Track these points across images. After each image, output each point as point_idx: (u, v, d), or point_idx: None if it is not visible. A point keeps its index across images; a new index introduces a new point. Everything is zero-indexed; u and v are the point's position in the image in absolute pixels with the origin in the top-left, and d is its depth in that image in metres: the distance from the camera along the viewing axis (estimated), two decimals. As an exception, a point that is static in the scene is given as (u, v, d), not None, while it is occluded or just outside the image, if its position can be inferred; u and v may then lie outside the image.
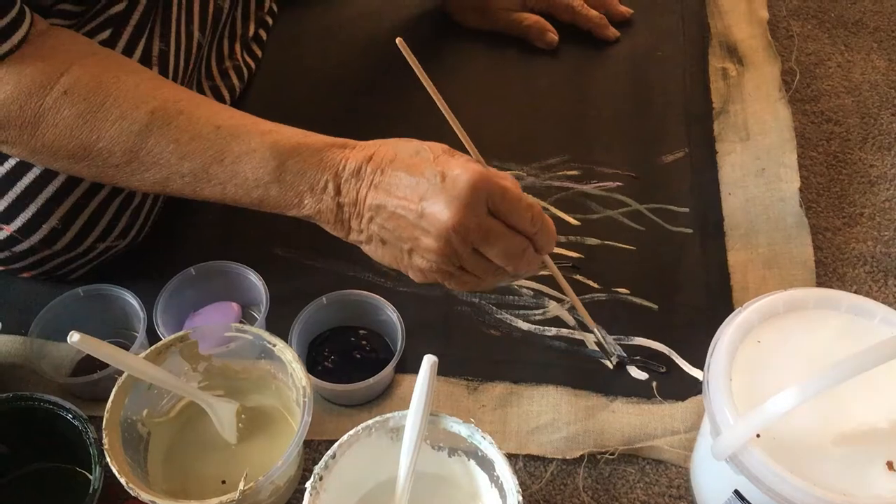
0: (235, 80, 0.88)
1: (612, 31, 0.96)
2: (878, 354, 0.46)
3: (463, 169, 0.55)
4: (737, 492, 0.53)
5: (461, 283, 0.60)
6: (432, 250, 0.56)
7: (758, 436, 0.50)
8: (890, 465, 0.49)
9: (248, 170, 0.59)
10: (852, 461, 0.49)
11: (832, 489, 0.48)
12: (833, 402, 0.51)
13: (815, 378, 0.47)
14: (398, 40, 0.57)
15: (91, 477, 0.57)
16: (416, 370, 0.53)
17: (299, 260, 0.78)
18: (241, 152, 0.59)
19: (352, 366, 0.69)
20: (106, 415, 0.57)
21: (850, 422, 0.51)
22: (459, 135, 0.61)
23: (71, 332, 0.55)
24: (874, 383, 0.51)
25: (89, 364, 0.70)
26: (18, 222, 0.66)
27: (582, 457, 0.65)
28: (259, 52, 0.95)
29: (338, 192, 0.58)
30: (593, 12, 0.95)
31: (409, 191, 0.56)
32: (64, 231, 0.68)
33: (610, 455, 0.65)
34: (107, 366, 0.66)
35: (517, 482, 0.53)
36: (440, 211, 0.55)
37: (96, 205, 0.69)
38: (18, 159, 0.65)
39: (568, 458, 0.65)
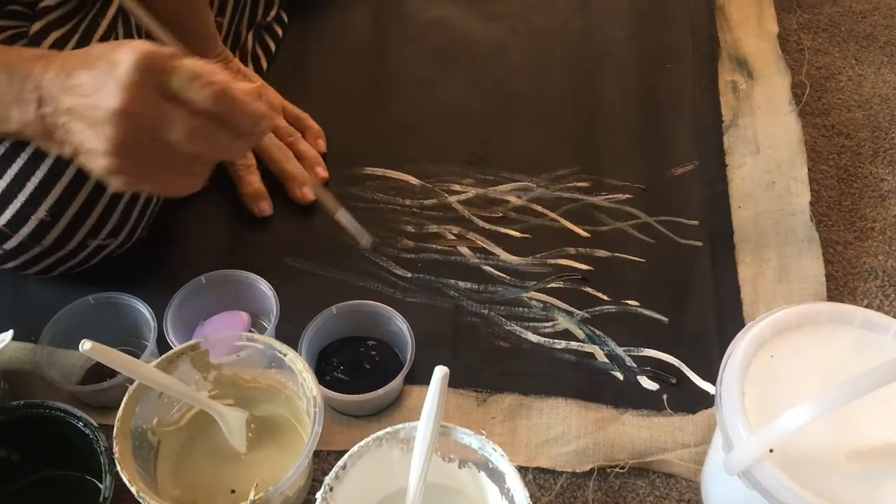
0: None
1: (307, 193, 0.83)
2: (894, 370, 0.46)
3: (130, 49, 0.51)
4: (749, 507, 0.53)
5: (160, 184, 0.56)
6: (105, 141, 0.51)
7: (771, 451, 0.50)
8: (904, 481, 0.49)
9: None
10: (865, 478, 0.49)
11: (846, 505, 0.48)
12: (846, 418, 0.51)
13: (829, 393, 0.46)
14: None
15: (101, 486, 0.57)
16: (425, 381, 0.53)
17: (309, 270, 0.78)
18: None
19: (361, 376, 0.69)
20: (117, 423, 0.57)
21: (864, 438, 0.51)
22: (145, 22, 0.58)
23: (83, 341, 0.55)
24: (888, 399, 0.51)
25: (98, 372, 0.70)
26: (7, 214, 0.66)
27: (592, 470, 0.64)
28: (265, 63, 0.95)
29: (40, 100, 0.55)
30: (296, 168, 0.84)
31: (88, 86, 0.52)
32: (53, 223, 0.67)
33: (620, 469, 0.64)
34: (115, 374, 0.67)
35: (528, 494, 0.52)
36: (106, 96, 0.51)
37: (85, 195, 0.68)
38: (5, 149, 0.64)
39: (578, 471, 0.64)
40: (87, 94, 0.52)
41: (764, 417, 0.50)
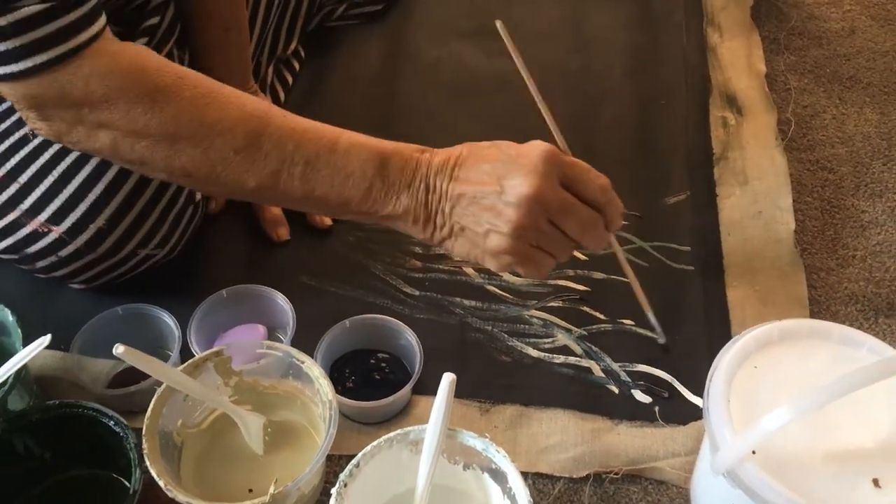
0: None
1: (325, 218, 0.88)
2: (864, 376, 0.50)
3: (533, 146, 0.60)
4: (734, 507, 0.57)
5: (535, 266, 0.62)
6: (512, 222, 0.59)
7: (754, 453, 0.54)
8: (876, 482, 0.53)
9: (357, 162, 0.61)
10: (842, 478, 0.53)
11: (823, 503, 0.52)
12: (824, 423, 0.55)
13: (806, 397, 0.51)
14: (498, 23, 0.64)
15: (128, 484, 0.61)
16: (432, 392, 0.57)
17: (323, 287, 0.82)
18: (351, 144, 0.62)
19: (371, 386, 0.73)
20: (146, 422, 0.61)
21: (840, 441, 0.55)
22: (546, 118, 0.67)
23: (116, 345, 0.58)
24: (862, 406, 0.56)
25: (124, 380, 0.74)
26: (68, 222, 0.71)
27: (588, 476, 0.68)
28: (282, 95, 1.01)
29: (427, 188, 0.62)
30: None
31: (487, 176, 0.60)
32: (109, 232, 0.72)
33: (614, 475, 0.68)
34: (140, 381, 0.71)
35: (528, 493, 0.56)
36: (519, 183, 0.58)
37: (141, 206, 0.73)
38: (72, 160, 0.70)
39: (575, 476, 0.68)
40: (486, 182, 0.60)
41: (747, 422, 0.55)
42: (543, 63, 1.06)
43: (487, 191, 0.59)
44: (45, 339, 0.63)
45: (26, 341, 0.65)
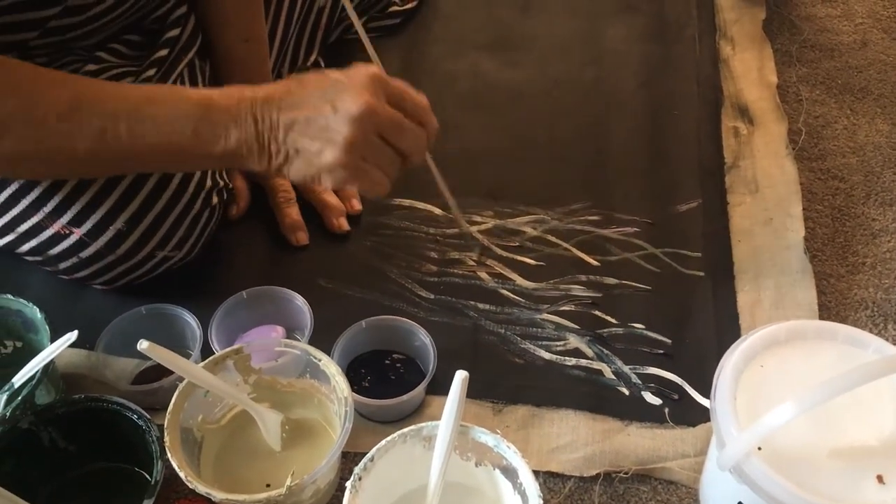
0: None
1: (343, 223, 0.91)
2: (868, 372, 0.51)
3: (359, 69, 0.65)
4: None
5: (368, 180, 0.66)
6: (345, 137, 0.63)
7: (759, 449, 0.55)
8: (880, 478, 0.54)
9: (180, 107, 0.64)
10: (846, 474, 0.54)
11: (827, 499, 0.52)
12: (828, 420, 0.56)
13: (810, 393, 0.52)
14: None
15: (150, 478, 0.63)
16: (445, 392, 0.59)
17: (340, 290, 0.84)
18: (171, 91, 0.67)
19: (386, 386, 0.75)
20: (168, 416, 0.63)
21: (844, 438, 0.56)
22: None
23: (140, 340, 0.60)
24: (866, 403, 0.57)
25: (146, 378, 0.76)
26: (88, 224, 0.74)
27: (598, 475, 0.69)
28: None
29: (255, 120, 0.64)
30: (333, 199, 0.92)
31: (318, 100, 0.64)
32: (128, 234, 0.75)
33: (624, 474, 0.70)
34: (163, 378, 0.73)
35: (539, 488, 0.58)
36: (351, 102, 0.63)
37: (159, 209, 0.76)
38: None
39: (585, 475, 0.69)
40: (317, 107, 0.64)
41: (753, 419, 0.55)
42: (557, 75, 1.08)
43: (317, 113, 0.63)
44: (72, 336, 0.65)
45: (53, 338, 0.68)
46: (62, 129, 0.63)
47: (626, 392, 0.75)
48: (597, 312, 0.82)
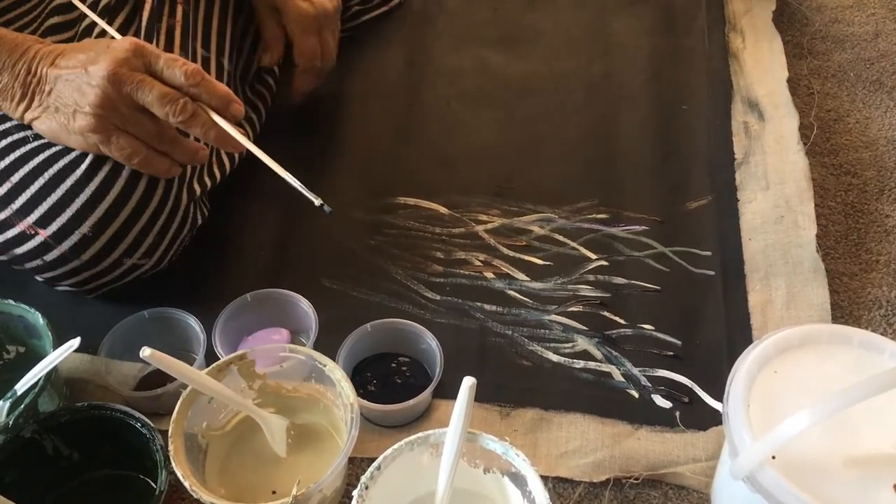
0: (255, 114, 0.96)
1: (308, 81, 0.95)
2: (886, 380, 0.50)
3: (124, 39, 0.69)
4: (754, 512, 0.57)
5: (118, 147, 0.69)
6: (92, 102, 0.66)
7: (773, 458, 0.54)
8: (896, 487, 0.53)
9: None
10: (861, 483, 0.53)
11: (842, 508, 0.52)
12: (844, 428, 0.55)
13: (826, 401, 0.51)
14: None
15: (154, 485, 0.62)
16: (452, 396, 0.58)
17: (345, 291, 0.83)
18: None
19: (392, 390, 0.74)
20: (172, 424, 0.62)
21: (860, 447, 0.55)
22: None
23: (143, 348, 0.59)
24: (883, 410, 0.55)
25: (150, 383, 0.75)
26: (54, 227, 0.72)
27: (608, 480, 0.69)
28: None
29: (28, 71, 0.69)
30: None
31: (78, 62, 0.68)
32: (94, 239, 0.73)
33: (635, 479, 0.69)
34: (167, 383, 0.72)
35: (548, 497, 0.57)
36: (100, 66, 0.66)
37: (125, 216, 0.73)
38: (64, 164, 0.72)
39: (595, 481, 0.69)
40: (77, 66, 0.67)
41: (767, 427, 0.54)
42: (565, 70, 1.06)
43: (76, 74, 0.67)
44: (75, 342, 0.65)
45: (56, 344, 0.67)
46: None
47: (636, 395, 0.74)
48: (605, 313, 0.80)
